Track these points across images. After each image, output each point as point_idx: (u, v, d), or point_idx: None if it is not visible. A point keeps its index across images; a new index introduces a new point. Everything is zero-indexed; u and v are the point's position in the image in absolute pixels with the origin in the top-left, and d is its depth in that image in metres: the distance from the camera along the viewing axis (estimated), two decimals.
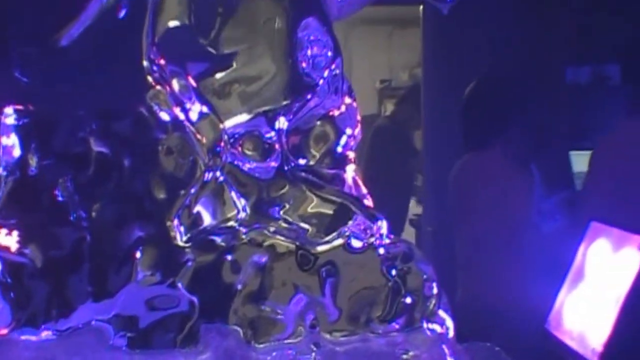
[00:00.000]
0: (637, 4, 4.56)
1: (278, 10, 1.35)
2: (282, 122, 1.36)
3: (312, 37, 1.37)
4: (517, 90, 3.97)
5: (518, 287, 3.39)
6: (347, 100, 1.46)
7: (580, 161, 4.68)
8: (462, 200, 3.91)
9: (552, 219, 3.70)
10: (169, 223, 1.37)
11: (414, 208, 6.28)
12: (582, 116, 4.84)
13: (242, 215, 1.36)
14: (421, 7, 5.66)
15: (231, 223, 1.36)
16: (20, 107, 1.47)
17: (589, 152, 4.71)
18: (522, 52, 4.70)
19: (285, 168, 1.39)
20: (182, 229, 1.36)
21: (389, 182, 5.89)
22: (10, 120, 1.49)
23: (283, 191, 1.39)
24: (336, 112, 1.44)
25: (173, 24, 1.35)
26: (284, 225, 1.36)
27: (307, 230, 1.36)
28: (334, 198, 1.38)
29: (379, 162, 6.03)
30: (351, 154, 1.48)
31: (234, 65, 1.36)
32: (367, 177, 6.09)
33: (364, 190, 1.48)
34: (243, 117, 1.37)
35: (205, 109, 1.37)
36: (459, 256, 3.92)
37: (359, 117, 1.49)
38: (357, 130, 1.48)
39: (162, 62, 1.37)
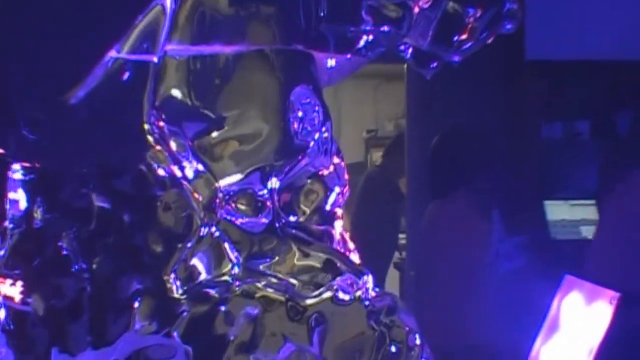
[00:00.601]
0: (603, 69, 4.62)
1: (271, 78, 1.36)
2: (274, 183, 1.36)
3: (303, 103, 1.37)
4: (480, 142, 4.03)
5: (480, 328, 3.40)
6: (336, 160, 1.47)
7: (554, 210, 4.71)
8: (430, 244, 3.95)
9: (509, 261, 3.72)
10: (166, 277, 1.36)
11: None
12: (556, 168, 4.87)
13: (236, 270, 1.35)
14: (405, 64, 5.69)
15: (225, 278, 1.35)
16: (27, 164, 1.47)
17: (562, 202, 4.78)
18: (499, 108, 4.73)
19: (277, 225, 1.38)
20: (178, 283, 1.35)
21: (378, 226, 5.91)
22: (18, 175, 1.49)
23: (273, 246, 1.39)
24: (326, 172, 1.44)
25: (172, 90, 1.35)
26: (275, 280, 1.35)
27: (295, 285, 1.35)
28: (321, 255, 1.38)
29: (369, 208, 6.06)
30: (339, 211, 1.48)
31: (229, 126, 1.36)
32: (358, 221, 6.15)
33: (352, 245, 1.48)
34: (237, 176, 1.37)
35: (201, 168, 1.37)
36: (432, 297, 3.95)
37: (347, 176, 1.48)
38: (346, 189, 1.48)
39: (162, 124, 1.37)
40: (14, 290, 1.43)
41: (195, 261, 1.37)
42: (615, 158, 4.24)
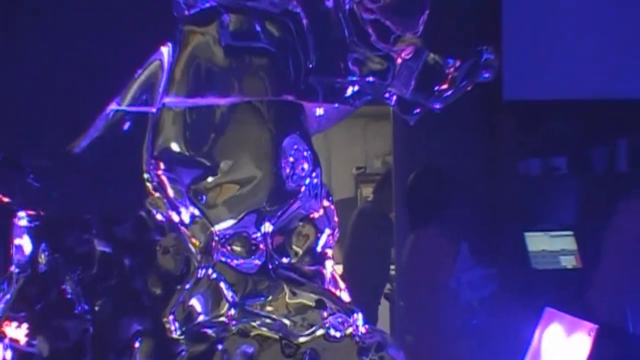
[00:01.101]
0: (580, 108, 4.64)
1: (263, 128, 1.36)
2: (267, 226, 1.36)
3: (294, 150, 1.37)
4: (449, 181, 4.08)
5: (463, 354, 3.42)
6: (326, 203, 1.46)
7: (534, 241, 4.72)
8: (408, 273, 3.99)
9: (473, 290, 3.72)
10: (165, 319, 1.35)
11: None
12: (535, 202, 4.88)
13: (232, 312, 1.34)
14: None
15: (222, 319, 1.35)
16: (31, 211, 1.47)
17: (541, 233, 4.79)
18: (479, 145, 4.74)
19: (270, 266, 1.37)
20: (176, 324, 1.35)
21: (370, 259, 5.91)
22: (23, 222, 1.49)
23: (266, 286, 1.38)
24: (316, 215, 1.44)
25: (170, 140, 1.36)
26: (268, 321, 1.35)
27: (288, 324, 1.34)
28: (312, 295, 1.37)
29: (361, 242, 6.07)
30: (330, 251, 1.47)
31: (223, 173, 1.36)
32: (350, 254, 6.14)
33: (342, 284, 1.47)
34: (232, 220, 1.36)
35: (196, 212, 1.37)
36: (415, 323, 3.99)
37: (336, 218, 1.48)
38: (336, 231, 1.48)
39: (160, 172, 1.37)
40: (19, 332, 1.42)
41: (193, 302, 1.37)
42: (592, 191, 4.26)
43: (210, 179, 1.36)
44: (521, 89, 4.68)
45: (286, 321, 1.34)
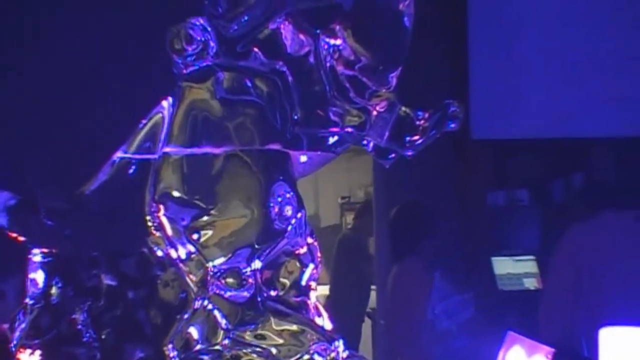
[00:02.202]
0: (539, 146, 4.66)
1: (253, 175, 1.35)
2: (257, 264, 1.35)
3: (280, 195, 1.37)
4: (430, 212, 4.06)
5: None
6: (310, 240, 1.46)
7: (500, 265, 4.72)
8: (389, 300, 3.97)
9: (449, 317, 3.68)
10: (164, 347, 1.34)
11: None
12: (501, 230, 4.89)
13: (226, 342, 1.33)
14: None
15: (217, 347, 1.33)
16: (45, 248, 1.46)
17: (507, 258, 4.80)
18: (450, 180, 4.75)
19: (258, 299, 1.36)
20: (175, 352, 1.34)
21: (352, 279, 5.89)
22: (37, 258, 1.48)
23: (254, 316, 1.37)
24: (301, 250, 1.43)
25: (169, 185, 1.35)
26: (258, 349, 1.33)
27: (274, 353, 1.33)
28: (296, 326, 1.36)
29: (344, 265, 6.06)
30: (313, 284, 1.46)
31: (217, 213, 1.35)
32: (336, 276, 6.12)
33: (325, 314, 1.46)
34: (225, 257, 1.36)
35: (192, 249, 1.36)
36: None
37: (319, 254, 1.47)
38: (319, 266, 1.47)
39: (160, 213, 1.36)
40: (33, 359, 1.41)
41: (191, 330, 1.35)
42: (551, 220, 4.26)
43: (205, 218, 1.35)
44: (487, 130, 4.70)
45: (273, 350, 1.33)
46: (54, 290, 1.46)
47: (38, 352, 1.41)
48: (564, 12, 4.90)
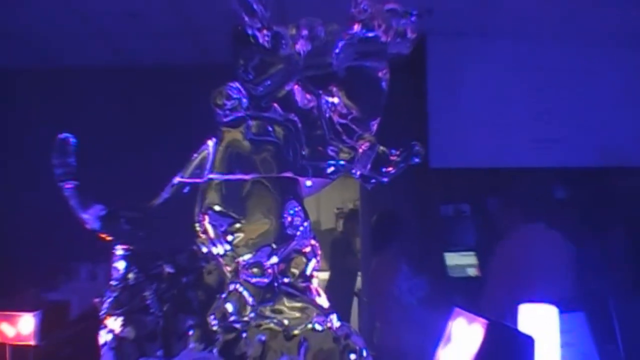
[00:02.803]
0: (479, 172, 4.63)
1: (272, 194, 1.34)
2: (274, 260, 1.32)
3: (292, 209, 1.35)
4: (400, 219, 4.01)
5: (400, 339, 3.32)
6: (312, 242, 1.43)
7: (450, 258, 4.68)
8: (372, 284, 3.92)
9: (410, 294, 3.64)
10: (208, 317, 1.32)
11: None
12: (451, 233, 4.85)
13: (252, 315, 1.30)
14: None
15: (245, 318, 1.31)
16: (125, 245, 1.45)
17: (455, 253, 4.76)
18: (413, 197, 4.73)
19: (275, 284, 1.34)
20: (215, 321, 1.31)
21: (342, 271, 5.82)
22: (119, 252, 1.46)
23: (272, 295, 1.34)
24: (307, 249, 1.40)
25: (212, 201, 1.34)
26: (275, 320, 1.31)
27: (286, 322, 1.31)
28: (302, 304, 1.33)
29: (337, 259, 5.99)
30: (315, 273, 1.43)
31: (247, 221, 1.33)
32: (331, 266, 6.07)
33: (323, 294, 1.42)
34: (251, 253, 1.33)
35: (227, 247, 1.34)
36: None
37: (319, 252, 1.44)
38: (319, 260, 1.44)
39: (205, 222, 1.34)
40: (116, 323, 1.39)
41: (227, 306, 1.33)
42: (485, 226, 4.22)
43: (237, 225, 1.33)
44: (441, 161, 4.66)
45: (285, 321, 1.30)
46: (130, 275, 1.44)
47: (120, 319, 1.40)
48: (501, 75, 4.90)
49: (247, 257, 1.33)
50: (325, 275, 5.94)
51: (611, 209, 4.99)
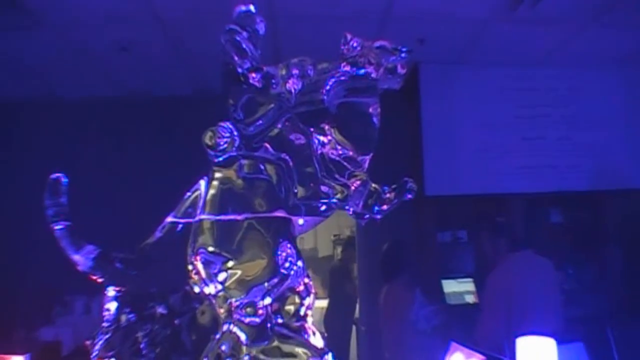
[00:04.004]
0: (474, 200, 4.63)
1: (265, 234, 1.32)
2: (267, 300, 1.31)
3: (285, 249, 1.33)
4: (407, 249, 4.00)
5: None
6: (306, 280, 1.41)
7: (447, 285, 4.65)
8: (382, 311, 3.85)
9: (426, 322, 3.62)
10: None
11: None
12: (447, 259, 4.83)
13: (246, 358, 1.28)
14: None
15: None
16: (117, 287, 1.43)
17: (452, 280, 4.72)
18: (410, 224, 4.71)
19: (268, 325, 1.32)
20: None
21: (342, 298, 5.78)
22: (111, 293, 1.44)
23: (265, 335, 1.32)
24: (300, 288, 1.39)
25: (204, 242, 1.32)
26: None
27: None
28: (296, 346, 1.31)
29: (336, 287, 5.96)
30: (310, 312, 1.41)
31: (239, 261, 1.32)
32: (331, 294, 6.02)
33: (318, 334, 1.40)
34: (244, 293, 1.32)
35: (219, 287, 1.32)
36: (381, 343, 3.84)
37: (313, 290, 1.43)
38: (314, 299, 1.42)
39: (197, 262, 1.33)
40: None
41: (221, 347, 1.31)
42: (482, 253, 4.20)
43: (230, 264, 1.32)
44: (436, 188, 4.68)
45: None
46: (122, 317, 1.41)
47: None
48: (492, 101, 4.94)
49: (239, 297, 1.31)
50: (323, 303, 5.89)
51: (606, 233, 5.00)
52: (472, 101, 4.90)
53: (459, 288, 4.58)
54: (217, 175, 1.37)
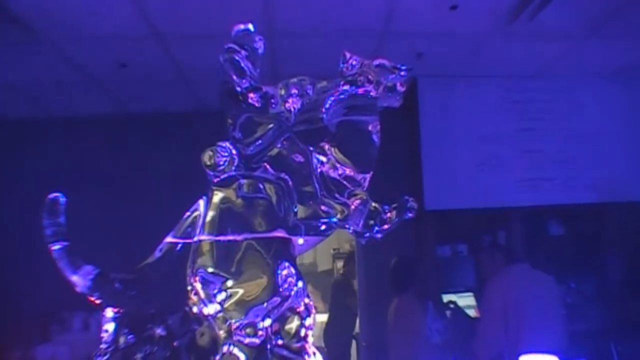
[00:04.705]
0: (473, 213, 4.63)
1: (265, 255, 1.30)
2: (267, 322, 1.29)
3: (284, 269, 1.32)
4: (413, 263, 4.02)
5: None
6: (306, 300, 1.40)
7: (447, 299, 4.64)
8: (391, 325, 3.84)
9: (439, 335, 3.63)
10: None
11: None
12: (448, 273, 4.82)
13: None
14: None
15: None
16: (115, 308, 1.41)
17: (452, 294, 4.71)
18: (411, 238, 4.71)
19: (268, 346, 1.31)
20: None
21: (341, 312, 5.77)
22: (109, 314, 1.42)
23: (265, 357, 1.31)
24: (301, 308, 1.37)
25: (204, 262, 1.31)
26: None
27: None
28: None
29: (337, 301, 5.95)
30: (310, 333, 1.40)
31: (239, 282, 1.30)
32: (331, 308, 6.00)
33: (319, 354, 1.39)
34: (243, 314, 1.30)
35: (218, 308, 1.31)
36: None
37: (313, 310, 1.41)
38: (314, 319, 1.41)
39: (196, 283, 1.32)
40: None
41: None
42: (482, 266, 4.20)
43: (229, 284, 1.30)
44: (436, 203, 4.68)
45: None
46: (121, 339, 1.40)
47: None
48: (491, 114, 4.96)
49: (239, 318, 1.29)
50: (323, 317, 5.87)
51: (608, 245, 4.99)
52: (471, 115, 4.92)
53: (460, 302, 4.55)
54: (217, 195, 1.35)
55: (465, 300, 4.62)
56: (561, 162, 5.00)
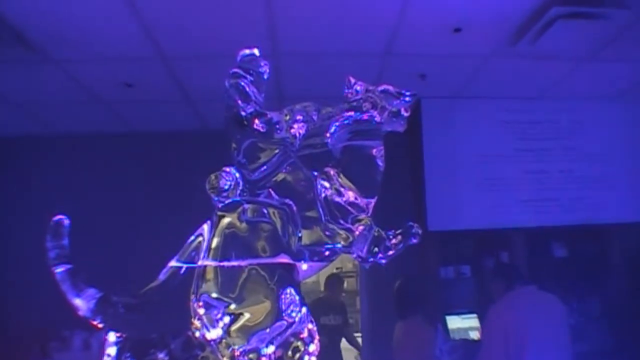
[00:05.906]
0: (475, 234, 4.61)
1: (269, 285, 1.30)
2: (271, 348, 1.28)
3: (287, 296, 1.31)
4: (419, 285, 3.96)
5: None
6: (310, 326, 1.38)
7: (451, 321, 4.61)
8: (400, 347, 3.77)
9: (449, 355, 3.59)
10: None
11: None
12: (451, 295, 4.79)
13: None
14: None
15: None
16: (118, 332, 1.40)
17: (456, 316, 4.67)
18: (415, 260, 4.68)
19: None
20: None
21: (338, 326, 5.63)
22: (112, 338, 1.41)
23: None
24: (304, 334, 1.36)
25: (208, 287, 1.30)
26: None
27: None
28: None
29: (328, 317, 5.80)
30: (313, 359, 1.39)
31: (242, 307, 1.29)
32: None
33: None
34: (246, 340, 1.29)
35: (221, 333, 1.29)
36: None
37: (317, 336, 1.40)
38: (318, 345, 1.39)
39: (199, 308, 1.31)
40: None
41: None
42: (486, 288, 4.17)
43: (232, 308, 1.29)
44: (439, 224, 4.67)
45: None
46: None
47: None
48: (494, 135, 4.97)
49: (242, 344, 1.28)
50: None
51: (610, 266, 4.96)
52: (474, 135, 4.92)
53: (463, 324, 4.52)
54: (221, 219, 1.35)
55: (469, 322, 4.58)
56: (564, 182, 4.99)
